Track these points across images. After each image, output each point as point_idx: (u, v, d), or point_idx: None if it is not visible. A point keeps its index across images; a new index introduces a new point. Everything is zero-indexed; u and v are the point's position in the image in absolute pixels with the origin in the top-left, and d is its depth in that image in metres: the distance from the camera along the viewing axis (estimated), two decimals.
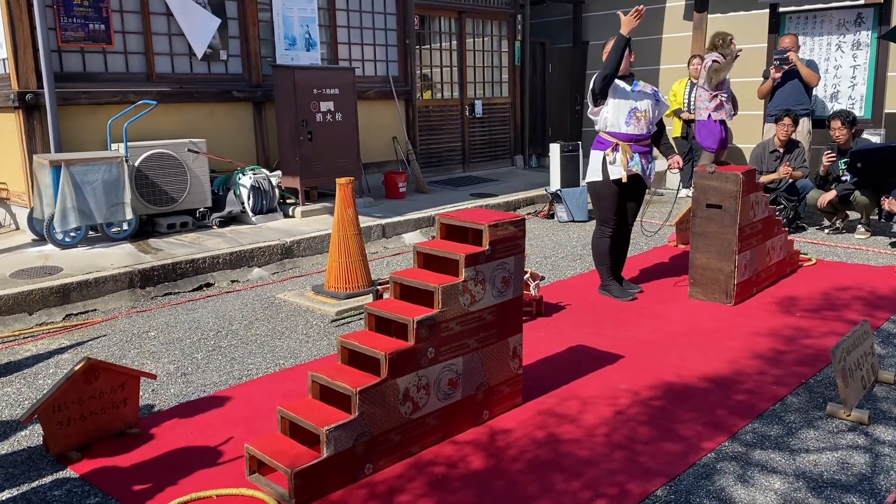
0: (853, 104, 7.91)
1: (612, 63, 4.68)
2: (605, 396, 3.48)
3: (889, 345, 4.09)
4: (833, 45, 8.04)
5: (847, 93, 8.01)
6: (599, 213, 5.06)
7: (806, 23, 8.18)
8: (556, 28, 11.66)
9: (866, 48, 7.85)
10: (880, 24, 7.66)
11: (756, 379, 3.64)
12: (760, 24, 8.63)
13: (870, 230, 6.77)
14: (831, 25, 8.03)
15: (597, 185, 4.97)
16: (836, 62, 8.03)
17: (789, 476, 2.75)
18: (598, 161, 4.93)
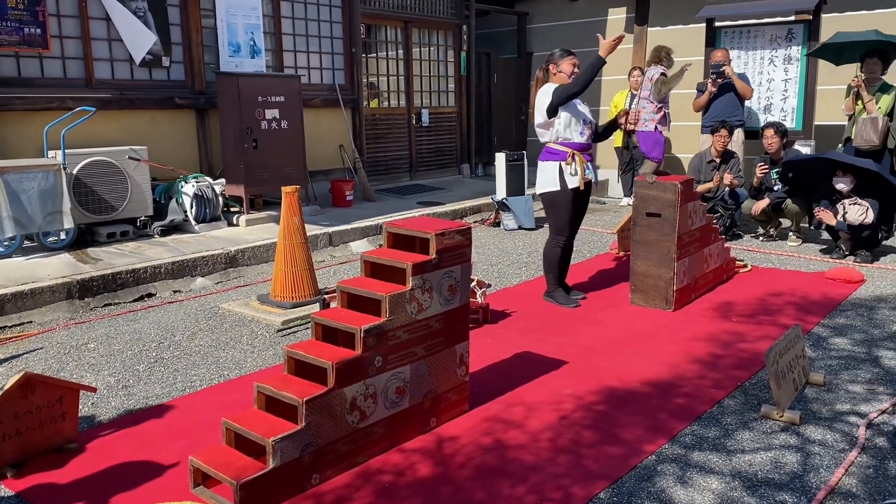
0: (785, 116, 8.23)
1: (583, 82, 4.77)
2: (550, 402, 3.54)
3: (819, 348, 4.27)
4: (766, 59, 8.35)
5: (779, 105, 8.33)
6: (555, 222, 5.09)
7: (740, 37, 8.48)
8: (501, 39, 11.82)
9: (797, 62, 8.17)
10: (809, 40, 7.99)
11: (695, 383, 3.76)
12: (698, 38, 8.92)
13: (801, 237, 7.05)
14: (764, 40, 8.34)
15: (554, 194, 5.00)
16: (769, 76, 8.34)
17: (726, 476, 2.85)
18: (553, 171, 4.96)
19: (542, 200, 5.15)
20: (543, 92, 4.90)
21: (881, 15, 8.26)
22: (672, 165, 9.63)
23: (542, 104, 4.88)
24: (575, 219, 5.10)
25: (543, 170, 5.04)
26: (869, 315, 4.82)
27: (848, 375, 3.84)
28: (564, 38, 10.94)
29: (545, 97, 4.86)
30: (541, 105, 4.89)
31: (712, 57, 7.99)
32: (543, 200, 5.13)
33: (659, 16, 10.18)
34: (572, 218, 5.07)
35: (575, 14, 11.04)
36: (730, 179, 7.19)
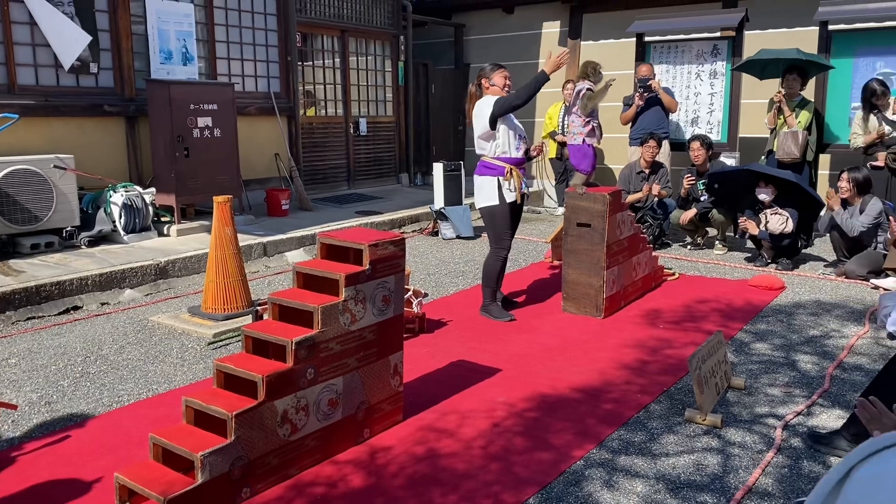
0: (711, 129, 8.53)
1: (526, 95, 4.88)
2: (484, 410, 3.59)
3: (742, 353, 4.44)
4: (693, 73, 8.66)
5: (706, 118, 8.63)
6: (496, 235, 5.10)
7: (668, 52, 8.77)
8: (438, 50, 11.91)
9: (722, 77, 8.50)
10: (734, 56, 8.32)
11: (623, 388, 3.87)
12: (628, 52, 9.18)
13: (726, 246, 7.31)
14: (691, 55, 8.65)
15: (493, 208, 5.03)
16: (695, 89, 8.65)
17: (650, 479, 2.94)
18: (492, 186, 5.00)
19: (483, 214, 5.18)
20: (485, 103, 4.95)
21: (800, 32, 8.66)
22: (603, 176, 9.87)
23: (484, 116, 4.92)
24: (511, 230, 5.19)
25: (481, 184, 5.09)
26: (788, 321, 5.04)
27: (767, 379, 4.00)
28: (500, 50, 11.11)
29: (487, 109, 4.91)
30: (483, 118, 4.93)
31: (638, 71, 8.24)
32: (483, 214, 5.17)
33: (592, 30, 10.44)
34: (510, 230, 5.15)
35: (510, 27, 11.22)
36: (657, 190, 7.41)
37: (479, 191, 5.12)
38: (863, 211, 6.18)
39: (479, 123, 4.98)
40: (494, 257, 5.14)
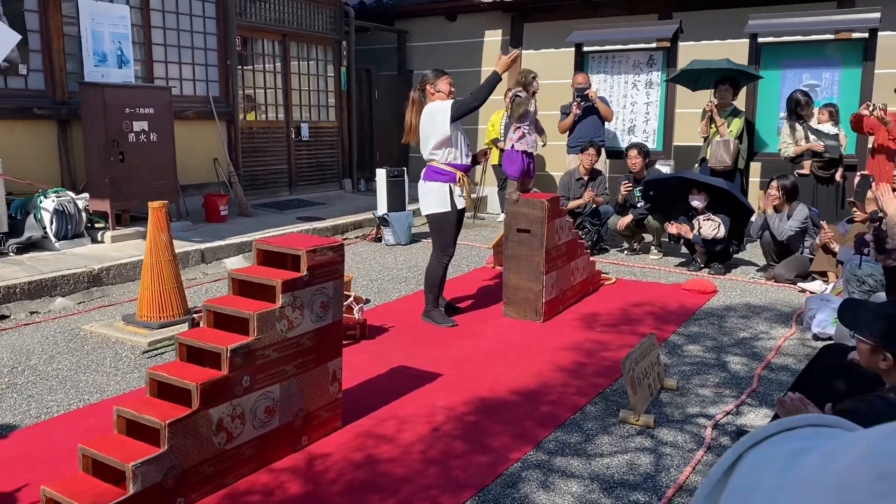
0: (647, 137, 8.75)
1: (483, 96, 4.91)
2: (423, 415, 3.60)
3: (674, 354, 4.57)
4: (630, 83, 8.87)
5: (642, 127, 8.85)
6: (442, 241, 5.08)
7: (606, 62, 8.97)
8: (381, 56, 11.91)
9: (657, 87, 8.73)
10: (668, 66, 8.56)
11: (560, 390, 3.93)
12: (568, 62, 9.35)
13: (662, 251, 7.50)
14: (628, 65, 8.86)
15: (443, 215, 5.00)
16: (632, 99, 8.86)
17: (585, 479, 3.01)
18: (442, 192, 4.97)
19: (430, 221, 5.12)
20: (439, 108, 4.88)
21: (731, 44, 8.96)
22: (544, 183, 10.01)
23: (440, 120, 4.85)
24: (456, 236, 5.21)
25: (431, 190, 5.02)
26: (719, 323, 5.20)
27: (699, 380, 4.13)
28: (443, 57, 11.17)
29: (442, 113, 4.84)
30: (439, 122, 4.86)
31: (574, 81, 8.40)
32: (432, 221, 5.11)
33: (533, 39, 10.60)
34: (455, 237, 5.16)
35: (453, 34, 11.30)
36: (592, 197, 7.57)
37: (427, 196, 5.07)
38: (791, 217, 6.42)
39: (433, 128, 4.91)
40: (438, 263, 5.13)
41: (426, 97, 5.06)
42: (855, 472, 0.57)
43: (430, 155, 5.02)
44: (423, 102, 5.06)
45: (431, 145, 4.97)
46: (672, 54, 8.54)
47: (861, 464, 0.58)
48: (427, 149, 5.01)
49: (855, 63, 7.76)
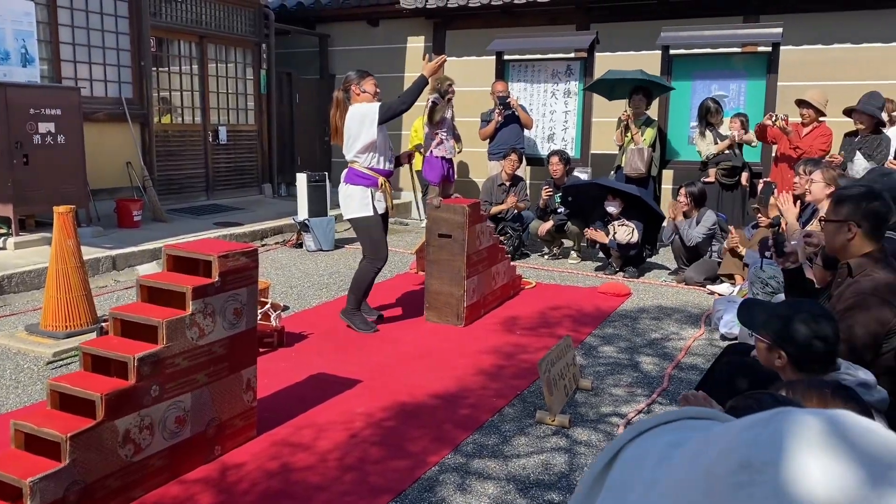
0: (566, 145, 8.94)
1: (410, 100, 4.87)
2: (341, 421, 3.57)
3: (589, 356, 4.68)
4: (549, 91, 9.05)
5: (561, 135, 9.05)
6: (372, 245, 5.00)
7: (526, 71, 9.13)
8: (302, 59, 11.78)
9: (575, 96, 8.94)
10: (586, 76, 8.78)
11: (479, 393, 3.97)
12: (489, 70, 9.46)
13: (581, 256, 7.68)
14: (546, 74, 9.04)
15: (368, 219, 4.94)
16: (551, 107, 9.05)
17: (502, 481, 3.04)
18: (364, 196, 4.91)
19: (354, 225, 5.07)
20: (366, 110, 4.80)
21: (645, 56, 9.25)
22: (467, 189, 10.10)
23: (367, 123, 4.77)
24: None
25: (353, 194, 4.95)
26: (633, 325, 5.36)
27: (612, 380, 4.24)
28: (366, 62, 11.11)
29: (369, 116, 4.76)
30: (366, 125, 4.78)
31: (494, 88, 8.51)
32: (357, 225, 5.04)
33: (455, 46, 10.69)
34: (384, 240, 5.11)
35: (376, 39, 11.28)
36: (514, 202, 7.69)
37: (349, 200, 4.98)
38: (699, 222, 6.68)
39: (359, 131, 4.82)
40: (371, 267, 5.02)
41: (350, 98, 4.98)
42: (718, 463, 0.59)
43: (354, 157, 4.94)
44: (348, 104, 4.98)
45: (356, 148, 4.89)
46: (589, 64, 8.77)
47: (724, 455, 0.60)
48: (351, 151, 4.94)
49: (760, 75, 8.14)
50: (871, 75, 8.34)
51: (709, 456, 0.62)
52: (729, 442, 0.61)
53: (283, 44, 11.42)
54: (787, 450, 0.55)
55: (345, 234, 8.86)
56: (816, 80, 8.42)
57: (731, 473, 0.57)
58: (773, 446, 0.56)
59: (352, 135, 4.89)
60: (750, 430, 0.59)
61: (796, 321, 2.13)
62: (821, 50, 8.87)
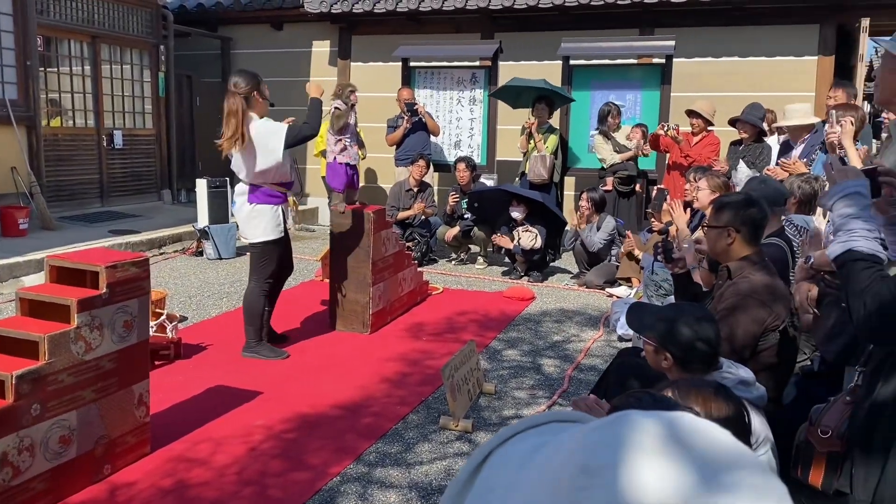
0: (472, 152, 9.04)
1: (316, 125, 4.58)
2: (240, 435, 3.48)
3: (494, 360, 4.74)
4: (455, 99, 9.14)
5: (467, 142, 9.14)
6: (266, 268, 4.60)
7: (432, 77, 9.18)
8: (203, 62, 11.45)
9: (481, 103, 9.06)
10: (490, 84, 8.91)
11: (383, 401, 3.95)
12: (395, 76, 9.46)
13: (487, 261, 7.78)
14: (452, 81, 9.12)
15: (276, 241, 4.58)
16: (457, 114, 9.13)
17: (404, 488, 3.03)
18: (275, 216, 4.54)
19: (258, 248, 4.58)
20: (269, 132, 4.41)
21: (547, 65, 9.47)
22: (374, 195, 10.06)
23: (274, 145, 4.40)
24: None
25: (262, 214, 4.51)
26: (536, 328, 5.47)
27: (515, 383, 4.31)
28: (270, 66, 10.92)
29: (275, 138, 4.39)
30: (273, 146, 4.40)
31: (399, 95, 8.53)
32: (260, 248, 4.57)
33: (361, 52, 10.64)
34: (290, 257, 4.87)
35: (280, 43, 11.09)
36: (421, 208, 7.72)
37: (256, 222, 4.52)
38: (599, 228, 6.89)
39: (264, 151, 4.41)
40: (259, 291, 4.61)
41: (252, 106, 4.52)
42: (563, 466, 0.61)
43: (257, 178, 4.49)
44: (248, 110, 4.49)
45: (261, 168, 4.45)
46: (493, 73, 8.90)
47: (568, 458, 0.61)
48: (253, 170, 4.47)
49: (654, 86, 8.48)
50: (756, 87, 8.83)
51: (558, 459, 0.64)
52: (574, 446, 0.63)
53: (184, 46, 11.06)
54: (623, 453, 0.57)
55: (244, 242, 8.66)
56: (707, 91, 8.85)
57: (572, 477, 0.58)
58: (611, 450, 0.58)
59: (259, 152, 4.42)
60: (592, 434, 0.61)
61: (680, 324, 2.23)
62: (711, 62, 9.33)
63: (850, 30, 8.79)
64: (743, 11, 9.01)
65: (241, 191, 4.60)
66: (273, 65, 10.88)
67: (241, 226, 4.67)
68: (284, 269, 4.87)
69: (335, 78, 10.53)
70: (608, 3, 9.11)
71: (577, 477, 0.58)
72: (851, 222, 1.70)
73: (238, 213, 4.65)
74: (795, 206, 3.82)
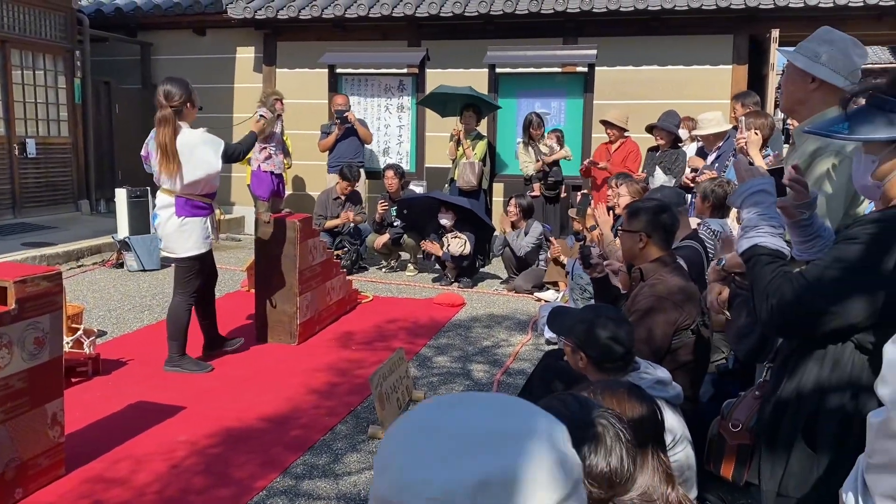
0: (401, 159, 9.05)
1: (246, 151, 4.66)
2: (162, 452, 3.38)
3: (424, 367, 4.75)
4: (383, 106, 9.13)
5: (396, 149, 9.15)
6: (193, 282, 4.50)
7: (359, 84, 9.15)
8: (123, 68, 11.09)
9: (409, 111, 9.08)
10: (418, 91, 8.94)
11: (311, 413, 3.90)
12: (322, 82, 9.40)
13: (418, 268, 7.79)
14: (379, 89, 9.12)
15: (204, 255, 4.50)
16: (385, 121, 9.13)
17: (332, 500, 3.01)
18: (204, 228, 4.43)
19: (186, 263, 4.45)
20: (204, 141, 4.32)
21: (474, 73, 9.55)
22: (302, 202, 9.94)
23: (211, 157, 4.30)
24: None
25: (191, 229, 4.37)
26: (466, 334, 5.50)
27: (445, 390, 4.33)
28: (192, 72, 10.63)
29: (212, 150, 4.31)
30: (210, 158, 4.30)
31: (333, 102, 8.49)
32: (188, 263, 4.45)
33: (286, 58, 10.51)
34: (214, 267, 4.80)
35: (203, 49, 10.86)
36: (350, 216, 7.68)
37: (185, 235, 4.37)
38: (527, 233, 6.99)
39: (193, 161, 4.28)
40: (185, 306, 4.49)
41: (184, 116, 4.35)
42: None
43: (188, 188, 4.34)
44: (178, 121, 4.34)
45: (191, 179, 4.30)
46: (421, 80, 8.94)
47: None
48: (184, 180, 4.29)
49: (578, 94, 8.67)
50: (675, 95, 9.14)
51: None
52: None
53: (101, 51, 10.69)
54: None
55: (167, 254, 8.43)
56: (628, 98, 9.11)
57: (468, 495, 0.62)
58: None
59: (192, 163, 4.28)
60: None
61: (595, 326, 2.29)
62: (632, 71, 9.61)
63: (762, 40, 9.19)
64: (662, 22, 9.31)
65: (166, 203, 4.41)
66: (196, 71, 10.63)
67: (168, 241, 4.46)
68: (210, 276, 4.78)
69: (260, 84, 10.38)
70: (533, 12, 9.28)
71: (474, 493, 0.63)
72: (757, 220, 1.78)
73: (163, 228, 4.43)
74: (709, 210, 3.97)
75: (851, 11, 8.76)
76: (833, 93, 2.34)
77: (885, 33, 9.81)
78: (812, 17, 8.58)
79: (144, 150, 4.54)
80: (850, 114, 1.64)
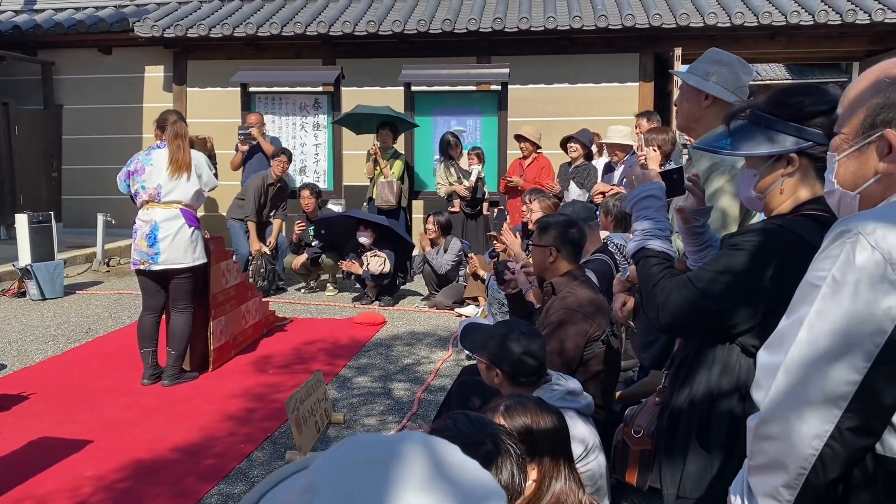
0: (318, 177, 8.97)
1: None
2: (67, 489, 3.22)
3: (344, 388, 4.69)
4: (298, 125, 9.04)
5: (313, 167, 9.06)
6: (195, 292, 4.82)
7: (273, 103, 9.03)
8: (22, 88, 10.61)
9: (325, 129, 9.02)
10: (334, 109, 8.90)
11: (226, 440, 3.80)
12: (235, 101, 9.24)
13: (337, 287, 7.71)
14: (294, 107, 9.03)
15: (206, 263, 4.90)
16: (301, 140, 9.03)
17: None
18: (201, 239, 4.81)
19: (195, 273, 4.77)
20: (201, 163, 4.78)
21: (390, 91, 9.60)
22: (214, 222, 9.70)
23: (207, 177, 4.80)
24: None
25: (197, 237, 4.71)
26: (387, 352, 5.48)
27: (365, 410, 4.29)
28: (99, 92, 10.35)
29: (206, 171, 4.80)
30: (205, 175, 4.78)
31: (247, 119, 8.37)
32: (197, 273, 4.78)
33: (197, 77, 10.31)
34: None
35: (109, 68, 10.52)
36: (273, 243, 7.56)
37: (192, 245, 4.67)
38: (447, 250, 7.04)
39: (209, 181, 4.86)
40: (190, 316, 4.79)
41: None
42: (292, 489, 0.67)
43: (197, 201, 4.78)
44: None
45: (206, 192, 4.87)
46: (336, 98, 8.91)
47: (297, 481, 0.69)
48: (188, 194, 4.66)
49: (492, 111, 8.81)
50: (585, 112, 9.42)
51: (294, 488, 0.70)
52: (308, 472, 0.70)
53: None
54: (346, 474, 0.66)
55: (76, 279, 8.10)
56: (540, 115, 9.34)
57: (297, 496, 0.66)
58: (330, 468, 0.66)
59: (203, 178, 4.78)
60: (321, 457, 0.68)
61: (508, 341, 2.32)
62: (544, 89, 9.86)
63: (667, 58, 9.59)
64: (571, 41, 9.60)
65: (170, 216, 4.61)
66: (102, 91, 10.32)
67: (175, 252, 4.61)
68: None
69: (171, 104, 10.12)
70: (446, 31, 9.41)
71: (301, 495, 0.65)
72: (646, 223, 1.86)
73: (172, 239, 4.59)
74: (612, 225, 4.10)
75: (747, 31, 9.26)
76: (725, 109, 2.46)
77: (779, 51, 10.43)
78: (711, 37, 9.03)
79: (132, 167, 4.66)
80: (733, 130, 1.73)
